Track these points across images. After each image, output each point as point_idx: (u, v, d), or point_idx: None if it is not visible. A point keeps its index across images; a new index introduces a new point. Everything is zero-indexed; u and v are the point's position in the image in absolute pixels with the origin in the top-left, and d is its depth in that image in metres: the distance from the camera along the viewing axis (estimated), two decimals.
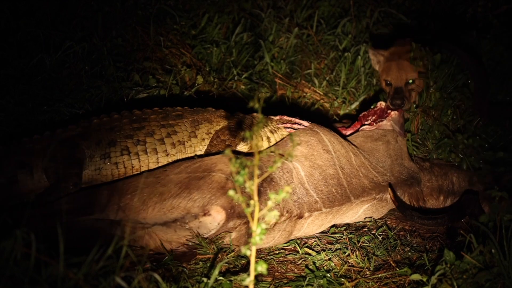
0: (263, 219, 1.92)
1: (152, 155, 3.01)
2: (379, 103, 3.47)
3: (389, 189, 3.10)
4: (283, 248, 2.95)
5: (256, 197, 1.89)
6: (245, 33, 4.40)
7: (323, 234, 3.05)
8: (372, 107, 3.47)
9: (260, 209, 2.54)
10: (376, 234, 3.06)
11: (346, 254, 2.88)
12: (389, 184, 3.14)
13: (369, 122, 3.38)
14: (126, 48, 4.11)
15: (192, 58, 4.23)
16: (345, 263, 2.81)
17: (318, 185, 2.96)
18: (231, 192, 1.89)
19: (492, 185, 3.01)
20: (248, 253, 1.89)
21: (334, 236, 3.04)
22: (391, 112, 3.40)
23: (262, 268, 1.89)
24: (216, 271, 2.43)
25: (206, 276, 2.52)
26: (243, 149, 3.15)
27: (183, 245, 2.74)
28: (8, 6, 3.98)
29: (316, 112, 4.26)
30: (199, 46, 4.27)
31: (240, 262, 2.71)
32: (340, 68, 4.39)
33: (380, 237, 3.04)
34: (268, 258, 2.86)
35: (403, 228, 3.18)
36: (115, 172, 2.99)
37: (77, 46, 3.90)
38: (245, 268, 2.67)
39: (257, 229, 1.88)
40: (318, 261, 2.83)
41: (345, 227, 3.10)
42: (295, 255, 2.90)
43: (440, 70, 3.61)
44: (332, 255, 2.86)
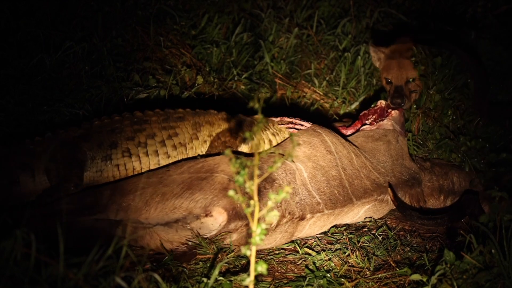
0: (264, 220, 1.92)
1: (153, 157, 3.01)
2: (380, 102, 3.46)
3: (389, 190, 3.10)
4: (283, 248, 2.95)
5: (256, 197, 1.89)
6: (245, 33, 4.40)
7: (323, 234, 3.05)
8: (373, 106, 3.46)
9: (261, 210, 2.54)
10: (376, 234, 3.05)
11: (346, 254, 2.88)
12: (389, 184, 3.13)
13: (370, 122, 3.37)
14: (126, 48, 4.11)
15: (192, 58, 4.23)
16: (345, 263, 2.81)
17: (321, 187, 2.95)
18: (231, 192, 1.89)
19: (492, 185, 3.00)
20: (248, 253, 1.89)
21: (334, 236, 3.04)
22: (392, 111, 3.39)
23: (262, 268, 1.89)
24: (216, 271, 2.43)
25: (206, 276, 2.52)
26: (245, 151, 3.15)
27: (184, 245, 2.74)
28: (8, 6, 3.98)
29: (316, 112, 4.26)
30: (199, 46, 4.27)
31: (240, 262, 2.71)
32: (340, 68, 4.39)
33: (380, 237, 3.04)
34: (268, 258, 2.86)
35: (403, 228, 3.18)
36: (116, 174, 2.99)
37: (77, 46, 3.91)
38: (245, 268, 2.67)
39: (257, 229, 1.88)
40: (318, 261, 2.83)
41: (345, 227, 3.10)
42: (295, 255, 2.90)
43: (440, 72, 3.60)
44: (332, 255, 2.86)
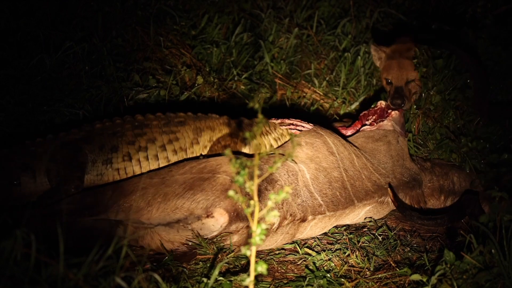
0: (265, 220, 1.92)
1: (154, 162, 3.01)
2: (380, 103, 3.45)
3: (389, 190, 3.10)
4: (283, 248, 2.95)
5: (256, 197, 1.89)
6: (245, 34, 4.40)
7: (323, 235, 3.05)
8: (373, 107, 3.46)
9: (262, 210, 2.54)
10: (376, 234, 3.05)
11: (346, 255, 2.88)
12: (389, 185, 3.13)
13: (370, 122, 3.37)
14: (126, 48, 4.11)
15: (192, 59, 4.23)
16: (345, 263, 2.81)
17: (323, 188, 2.95)
18: (231, 192, 1.89)
19: (492, 185, 3.00)
20: (248, 253, 1.89)
21: (334, 236, 3.04)
22: (392, 112, 3.39)
23: (262, 268, 1.89)
24: (216, 271, 2.43)
25: (206, 276, 2.52)
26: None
27: (185, 245, 2.74)
28: (8, 6, 3.98)
29: (316, 113, 4.26)
30: (199, 47, 4.27)
31: (240, 263, 2.71)
32: (340, 69, 4.39)
33: (380, 237, 3.04)
34: (268, 259, 2.86)
35: (403, 228, 3.18)
36: (116, 178, 2.98)
37: (77, 46, 3.90)
38: (245, 268, 2.67)
39: (257, 230, 1.88)
40: (318, 261, 2.83)
41: (345, 228, 3.10)
42: (295, 255, 2.90)
43: (441, 73, 3.60)
44: (332, 255, 2.86)
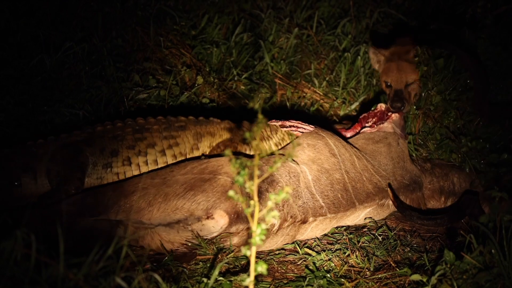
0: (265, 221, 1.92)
1: (153, 166, 3.01)
2: (379, 105, 3.45)
3: (389, 190, 3.10)
4: (283, 249, 2.95)
5: (256, 197, 1.89)
6: (245, 34, 4.40)
7: (323, 235, 3.05)
8: (372, 109, 3.45)
9: (261, 210, 2.54)
10: (376, 235, 3.05)
11: (346, 255, 2.88)
12: (389, 184, 3.13)
13: (370, 124, 3.37)
14: (126, 49, 4.11)
15: (192, 59, 4.23)
16: (345, 264, 2.81)
17: (325, 190, 2.94)
18: (231, 192, 1.89)
19: (492, 186, 3.00)
20: (248, 254, 1.89)
21: (334, 237, 3.04)
22: (392, 115, 3.38)
23: (262, 269, 1.89)
24: (216, 272, 2.43)
25: (206, 277, 2.52)
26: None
27: (185, 246, 2.74)
28: (8, 6, 3.98)
29: (316, 113, 4.26)
30: (199, 47, 4.27)
31: (240, 263, 2.71)
32: (340, 69, 4.39)
33: (380, 238, 3.04)
34: (268, 259, 2.86)
35: (403, 229, 3.18)
36: None
37: (77, 47, 3.91)
38: (245, 269, 2.67)
39: (257, 230, 1.88)
40: (318, 262, 2.83)
41: (345, 228, 3.10)
42: (295, 256, 2.90)
43: (441, 73, 3.60)
44: (332, 256, 2.86)
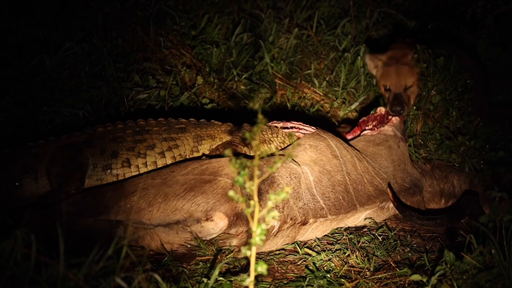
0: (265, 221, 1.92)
1: (152, 168, 3.01)
2: (379, 109, 3.45)
3: (388, 190, 3.09)
4: (283, 249, 2.95)
5: (256, 197, 1.89)
6: (245, 34, 4.40)
7: (323, 235, 3.05)
8: (372, 113, 3.45)
9: (261, 211, 2.54)
10: (376, 235, 3.05)
11: (346, 255, 2.88)
12: (388, 184, 3.13)
13: (371, 127, 3.37)
14: (126, 49, 4.11)
15: (192, 59, 4.23)
16: (345, 264, 2.81)
17: (326, 192, 2.94)
18: (231, 193, 1.89)
19: (492, 186, 3.01)
20: (248, 254, 1.89)
21: (334, 237, 3.03)
22: (392, 118, 3.38)
23: (262, 269, 1.89)
24: (216, 272, 2.43)
25: (206, 277, 2.52)
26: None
27: (184, 247, 2.74)
28: (8, 6, 3.98)
29: (316, 114, 4.26)
30: (199, 47, 4.27)
31: (240, 263, 2.71)
32: (340, 69, 4.39)
33: (380, 238, 3.04)
34: (268, 259, 2.86)
35: (403, 229, 3.18)
36: None
37: (77, 47, 3.91)
38: (245, 269, 2.66)
39: (257, 230, 1.88)
40: (318, 262, 2.83)
41: (345, 228, 3.10)
42: (295, 256, 2.90)
43: (441, 73, 3.60)
44: (332, 256, 2.86)
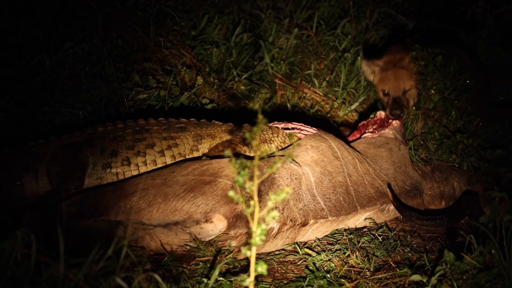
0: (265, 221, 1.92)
1: (152, 167, 3.01)
2: (379, 113, 3.45)
3: (388, 190, 3.09)
4: (283, 249, 2.95)
5: (256, 198, 1.89)
6: (245, 34, 4.40)
7: (323, 235, 3.05)
8: (372, 116, 3.45)
9: (261, 211, 2.54)
10: (376, 235, 3.05)
11: (346, 255, 2.88)
12: (388, 184, 3.13)
13: (371, 131, 3.37)
14: (126, 49, 4.11)
15: (192, 59, 4.23)
16: (345, 264, 2.81)
17: (327, 193, 2.94)
18: (231, 193, 1.89)
19: (492, 186, 3.01)
20: (248, 254, 1.89)
21: (334, 237, 3.03)
22: (393, 121, 3.39)
23: (262, 269, 1.89)
24: (216, 272, 2.43)
25: (206, 277, 2.52)
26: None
27: (184, 248, 2.74)
28: (8, 6, 3.98)
29: (316, 115, 4.26)
30: (199, 47, 4.27)
31: (240, 263, 2.71)
32: (340, 69, 4.39)
33: (380, 238, 3.04)
34: (268, 259, 2.86)
35: (403, 229, 3.18)
36: None
37: (77, 47, 3.91)
38: (245, 269, 2.66)
39: (257, 230, 1.88)
40: (318, 262, 2.83)
41: (345, 228, 3.10)
42: (295, 256, 2.90)
43: (440, 72, 3.60)
44: (332, 256, 2.86)
